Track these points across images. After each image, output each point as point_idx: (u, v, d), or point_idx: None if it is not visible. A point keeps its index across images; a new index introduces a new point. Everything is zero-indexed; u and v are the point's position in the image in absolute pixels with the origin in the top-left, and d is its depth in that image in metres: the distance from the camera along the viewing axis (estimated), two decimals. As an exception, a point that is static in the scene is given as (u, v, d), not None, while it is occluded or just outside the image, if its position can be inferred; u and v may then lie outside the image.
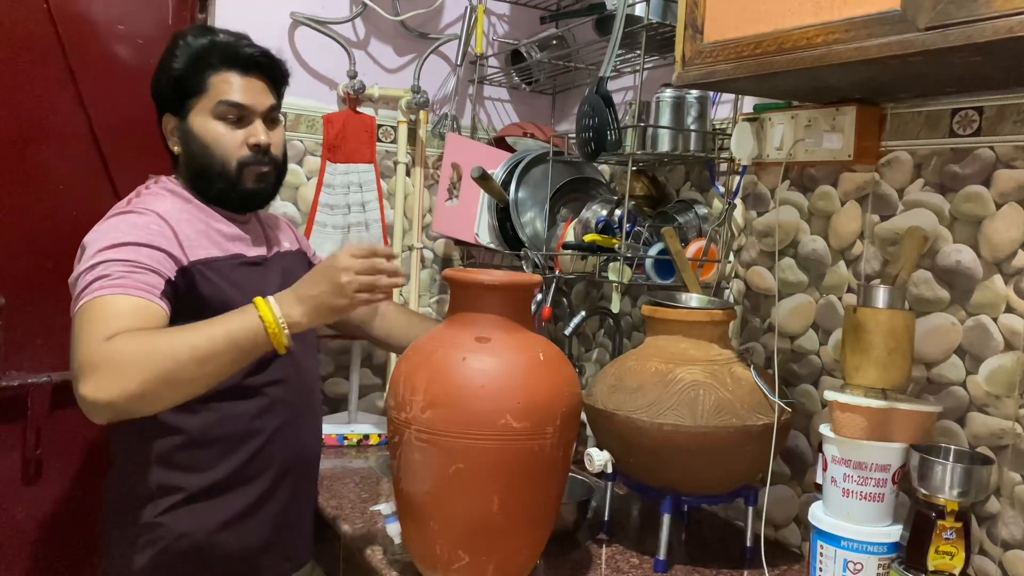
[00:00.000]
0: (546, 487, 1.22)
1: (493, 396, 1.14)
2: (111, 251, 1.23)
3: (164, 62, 1.39)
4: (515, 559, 1.23)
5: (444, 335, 1.22)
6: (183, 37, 1.39)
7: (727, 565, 1.39)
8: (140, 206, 1.31)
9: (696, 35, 1.22)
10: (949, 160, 1.26)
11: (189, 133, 1.37)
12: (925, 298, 1.28)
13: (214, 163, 1.37)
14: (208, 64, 1.36)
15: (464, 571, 1.19)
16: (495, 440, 1.14)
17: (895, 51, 0.94)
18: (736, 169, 1.60)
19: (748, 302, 1.61)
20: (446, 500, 1.17)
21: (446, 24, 2.17)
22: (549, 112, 2.29)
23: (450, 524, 1.18)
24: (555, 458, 1.20)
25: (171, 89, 1.37)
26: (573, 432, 1.24)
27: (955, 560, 1.09)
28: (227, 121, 1.37)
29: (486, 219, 1.98)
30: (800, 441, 1.49)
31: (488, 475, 1.15)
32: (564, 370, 1.23)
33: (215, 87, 1.36)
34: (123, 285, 1.20)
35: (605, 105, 1.52)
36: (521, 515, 1.20)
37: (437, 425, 1.14)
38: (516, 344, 1.20)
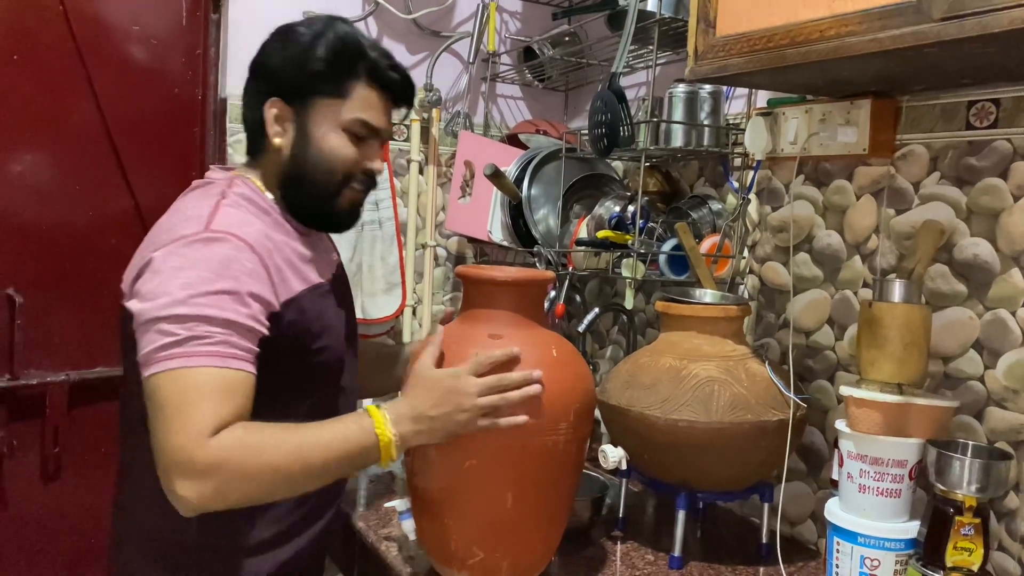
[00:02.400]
0: (560, 483, 1.21)
1: None
2: (203, 301, 1.02)
3: (298, 45, 1.19)
4: (530, 555, 1.23)
5: (458, 332, 1.22)
6: (331, 28, 1.21)
7: (743, 562, 1.38)
8: (227, 229, 1.09)
9: (709, 29, 1.21)
10: (966, 153, 1.24)
11: (307, 134, 1.20)
12: (942, 292, 1.27)
13: (320, 175, 1.20)
14: (355, 71, 1.19)
15: (479, 567, 1.19)
16: (509, 436, 1.13)
17: (910, 42, 0.93)
18: (750, 164, 1.59)
19: (763, 298, 1.60)
20: (460, 496, 1.17)
21: (458, 22, 2.17)
22: (562, 109, 2.28)
23: (464, 520, 1.18)
24: (569, 454, 1.19)
25: (301, 76, 1.18)
26: (587, 428, 1.23)
27: (973, 556, 1.08)
28: (351, 136, 1.21)
29: (499, 216, 1.97)
30: (816, 437, 1.48)
31: (502, 471, 1.15)
32: (578, 366, 1.23)
33: (357, 99, 1.19)
34: (221, 354, 1.02)
35: (618, 101, 1.51)
36: (535, 511, 1.20)
37: None
38: (529, 340, 1.19)
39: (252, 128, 1.24)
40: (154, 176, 1.93)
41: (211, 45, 1.97)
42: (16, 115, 1.77)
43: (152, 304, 1.03)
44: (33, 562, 1.86)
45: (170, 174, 1.95)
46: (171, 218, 1.15)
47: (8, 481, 1.83)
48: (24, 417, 1.82)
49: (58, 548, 1.89)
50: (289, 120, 1.20)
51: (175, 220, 1.13)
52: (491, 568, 1.19)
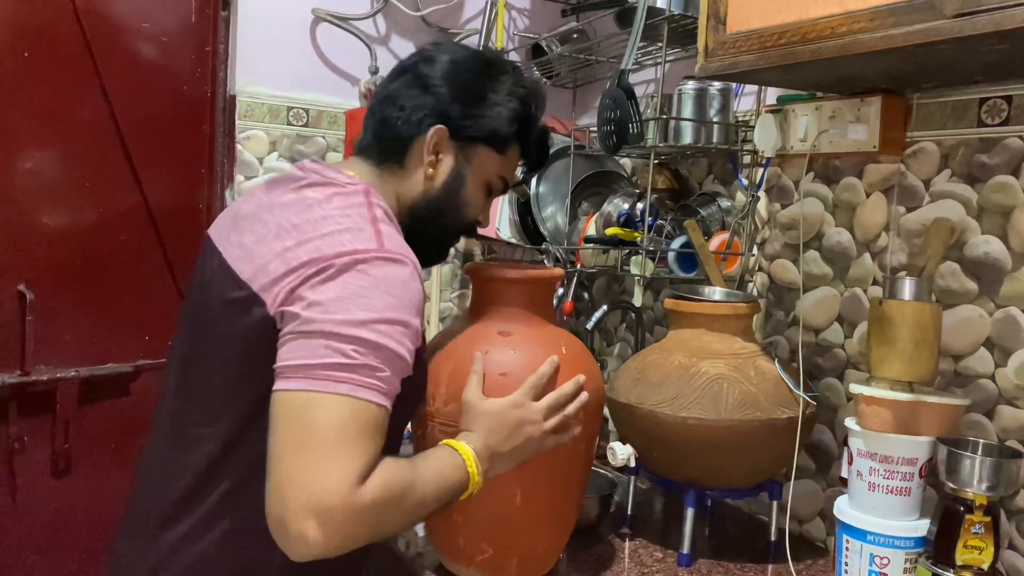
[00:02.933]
0: (569, 480, 1.21)
1: (514, 389, 1.14)
2: (383, 329, 0.93)
3: (492, 89, 1.13)
4: (538, 551, 1.23)
5: (468, 329, 1.22)
6: (521, 84, 1.16)
7: (751, 559, 1.38)
8: (402, 251, 0.99)
9: (719, 26, 1.21)
10: (977, 150, 1.24)
11: (462, 178, 1.13)
12: (952, 290, 1.26)
13: (449, 221, 1.15)
14: (523, 135, 1.16)
15: (487, 564, 1.19)
16: None
17: (922, 39, 0.92)
18: (759, 161, 1.59)
19: (772, 295, 1.59)
20: None
21: (467, 19, 2.17)
22: (570, 106, 2.28)
23: (473, 517, 1.18)
24: (578, 452, 1.20)
25: (482, 123, 1.12)
26: (596, 425, 1.23)
27: (984, 555, 1.08)
28: (489, 189, 1.17)
29: (507, 214, 1.97)
30: (825, 435, 1.48)
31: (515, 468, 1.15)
32: (587, 363, 1.23)
33: (509, 159, 1.17)
34: (385, 391, 0.93)
35: (627, 98, 1.51)
36: (544, 508, 1.20)
37: (459, 418, 1.14)
38: (538, 338, 1.20)
39: (394, 139, 1.12)
40: (163, 173, 1.94)
41: (220, 42, 1.98)
42: (26, 112, 1.78)
43: (329, 317, 0.91)
44: (43, 556, 1.87)
45: (179, 171, 1.97)
46: (321, 224, 0.99)
47: (19, 476, 1.84)
48: (35, 413, 1.83)
49: (68, 542, 1.90)
50: (448, 156, 1.12)
51: (330, 228, 0.98)
52: (500, 565, 1.20)
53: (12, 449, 1.82)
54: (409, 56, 1.17)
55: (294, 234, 0.99)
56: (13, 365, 1.79)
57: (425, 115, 1.10)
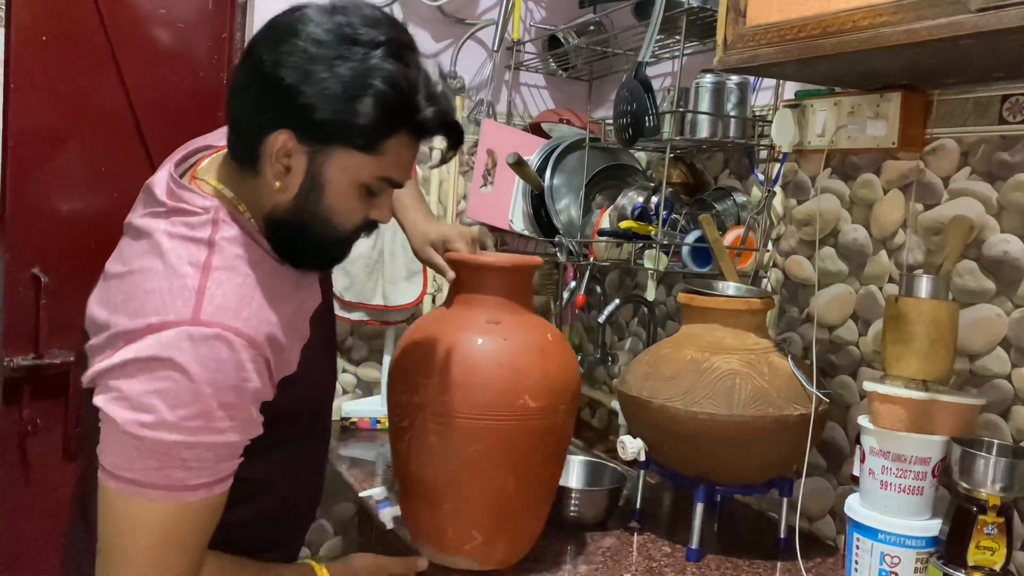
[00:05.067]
0: (556, 463, 1.26)
1: (511, 377, 1.16)
2: (195, 426, 0.88)
3: (338, 79, 0.91)
4: (524, 534, 1.27)
5: (453, 318, 1.22)
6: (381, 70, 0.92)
7: (760, 556, 1.38)
8: (223, 320, 0.90)
9: (739, 18, 1.20)
10: (998, 148, 1.22)
11: (318, 186, 0.96)
12: (970, 289, 1.25)
13: (328, 233, 1.00)
14: (396, 124, 0.96)
15: (476, 551, 1.20)
16: (514, 420, 1.15)
17: (946, 33, 0.91)
18: (776, 156, 1.58)
19: (786, 291, 1.59)
20: (462, 482, 1.18)
21: (483, 9, 2.16)
22: (585, 98, 2.27)
23: (465, 505, 1.19)
24: (565, 435, 1.25)
25: (333, 122, 0.92)
26: (576, 409, 1.28)
27: (996, 556, 1.07)
28: (368, 191, 1.00)
29: (521, 205, 1.97)
30: (837, 433, 1.47)
31: (506, 455, 1.16)
32: (568, 350, 1.28)
33: (387, 157, 0.97)
34: (207, 485, 0.91)
35: (644, 91, 1.50)
36: (534, 492, 1.23)
37: (455, 407, 1.15)
38: (525, 326, 1.22)
39: (242, 143, 0.98)
40: (178, 159, 1.94)
41: (236, 29, 1.98)
42: (44, 97, 1.79)
43: (132, 417, 0.86)
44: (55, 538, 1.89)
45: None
46: (147, 274, 0.93)
47: (32, 459, 1.85)
48: (48, 396, 1.85)
49: (79, 526, 1.91)
50: (299, 162, 0.95)
51: (153, 282, 0.92)
52: (488, 550, 1.21)
53: (26, 431, 1.83)
54: (259, 30, 0.98)
55: (115, 285, 0.97)
56: (27, 348, 1.81)
57: (267, 116, 0.93)
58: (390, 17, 0.99)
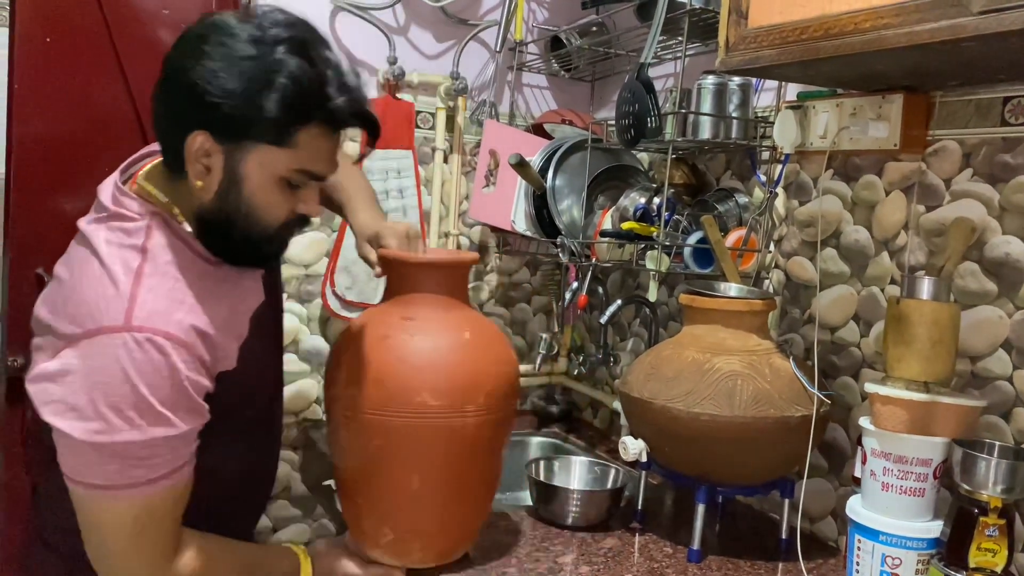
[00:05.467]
0: (472, 467, 1.21)
1: (410, 373, 1.15)
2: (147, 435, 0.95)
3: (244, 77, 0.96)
4: (443, 538, 1.24)
5: (374, 314, 1.24)
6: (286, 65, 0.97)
7: (762, 557, 1.38)
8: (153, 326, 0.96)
9: (740, 20, 1.20)
10: (1000, 149, 1.23)
11: (236, 182, 1.01)
12: (971, 290, 1.25)
13: (253, 229, 1.04)
14: (305, 116, 0.99)
15: (391, 547, 1.20)
16: (413, 417, 1.14)
17: (947, 36, 0.91)
18: (778, 157, 1.58)
19: (788, 292, 1.59)
20: (369, 477, 1.19)
21: (486, 10, 2.16)
22: (588, 99, 2.27)
23: (374, 500, 1.19)
24: (480, 437, 1.19)
25: (242, 118, 0.97)
26: (505, 413, 1.23)
27: (997, 558, 1.07)
28: (288, 185, 1.03)
29: (523, 206, 1.97)
30: (838, 434, 1.47)
31: (407, 452, 1.16)
32: (495, 349, 1.23)
33: (302, 149, 1.00)
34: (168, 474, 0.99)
35: (646, 92, 1.51)
36: (445, 494, 1.20)
37: (359, 402, 1.16)
38: (441, 323, 1.20)
39: (166, 147, 1.04)
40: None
41: (240, 30, 1.98)
42: (48, 98, 1.79)
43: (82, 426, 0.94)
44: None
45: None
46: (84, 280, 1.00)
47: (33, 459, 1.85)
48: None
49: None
50: (216, 160, 1.00)
51: (90, 288, 0.98)
52: (402, 548, 1.21)
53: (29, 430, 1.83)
54: (177, 39, 1.03)
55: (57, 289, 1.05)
56: (30, 348, 1.81)
57: (184, 120, 0.99)
58: (298, 18, 1.04)
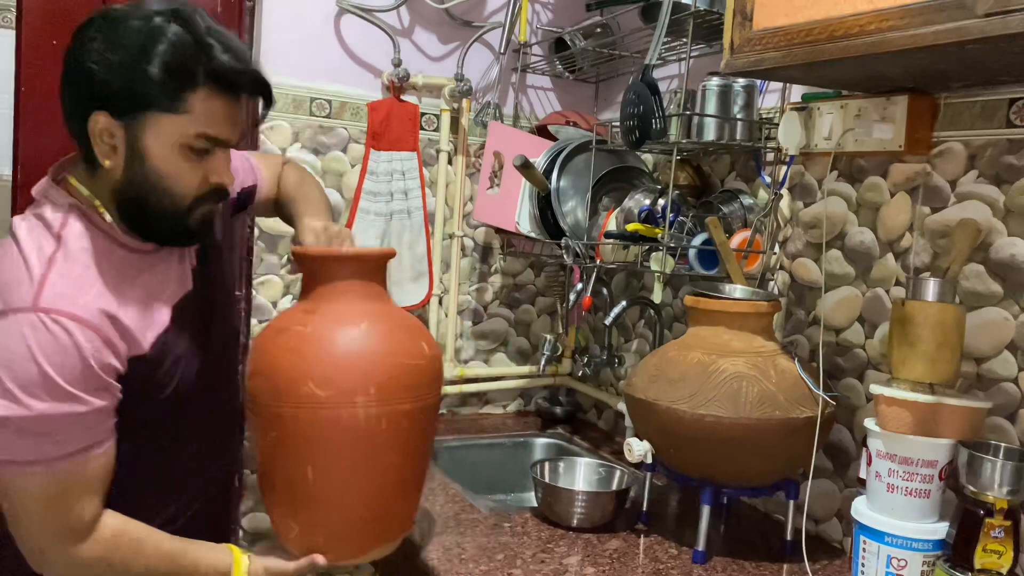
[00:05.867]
0: (372, 461, 1.16)
1: (298, 364, 1.13)
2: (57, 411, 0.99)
3: (127, 51, 1.01)
4: (350, 535, 1.19)
5: (286, 311, 1.25)
6: (164, 32, 1.02)
7: (766, 558, 1.38)
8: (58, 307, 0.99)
9: (745, 22, 1.20)
10: (1005, 151, 1.23)
11: (139, 155, 1.04)
12: (977, 292, 1.25)
13: (164, 201, 1.07)
14: (191, 78, 1.02)
15: (298, 542, 1.19)
16: (301, 408, 1.12)
17: (952, 38, 0.91)
18: (783, 159, 1.58)
19: (793, 294, 1.59)
20: (271, 470, 1.18)
21: (490, 12, 2.17)
22: (592, 101, 2.28)
23: (278, 494, 1.18)
24: (377, 430, 1.14)
25: (132, 90, 1.02)
26: (404, 406, 1.17)
27: (1003, 559, 1.07)
28: (193, 152, 1.06)
29: (527, 207, 1.98)
30: (843, 435, 1.47)
31: (299, 444, 1.14)
32: (395, 340, 1.19)
33: (196, 113, 1.04)
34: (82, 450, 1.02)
35: (651, 93, 1.51)
36: (342, 488, 1.16)
37: (256, 395, 1.16)
38: (340, 315, 1.17)
39: (78, 135, 1.07)
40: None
41: (245, 33, 1.99)
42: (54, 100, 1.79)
43: None
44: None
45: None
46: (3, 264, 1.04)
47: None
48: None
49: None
50: (119, 138, 1.04)
51: (4, 272, 1.03)
52: (308, 543, 1.18)
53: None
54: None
55: None
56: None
57: (80, 103, 1.04)
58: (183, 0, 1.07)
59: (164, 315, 1.12)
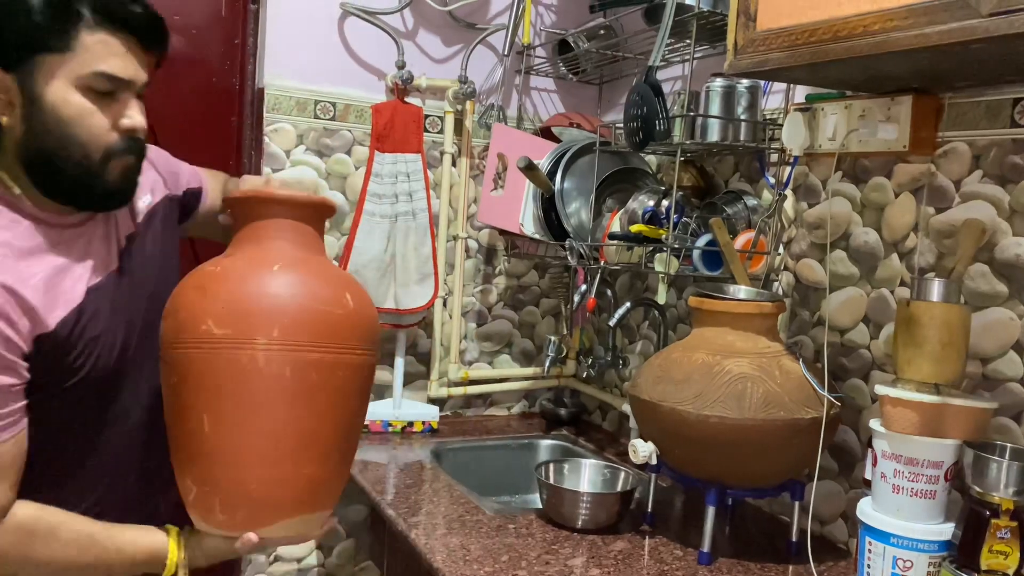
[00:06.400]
0: (268, 411, 1.05)
1: (199, 302, 1.06)
2: None
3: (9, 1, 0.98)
4: (246, 501, 1.07)
5: None
6: None
7: (772, 559, 1.38)
8: None
9: (749, 23, 1.20)
10: (1010, 151, 1.22)
11: (37, 104, 1.00)
12: (982, 292, 1.25)
13: (73, 150, 1.02)
14: (77, 14, 0.99)
15: (196, 505, 1.08)
16: (197, 348, 1.04)
17: (956, 38, 0.91)
18: (787, 160, 1.58)
19: (797, 295, 1.59)
20: (172, 422, 1.09)
21: (494, 14, 2.17)
22: (595, 102, 2.28)
23: (176, 449, 1.09)
24: (276, 377, 1.04)
25: (14, 34, 0.98)
26: (309, 352, 1.05)
27: (1009, 560, 1.07)
28: (95, 96, 1.02)
29: (531, 209, 1.98)
30: (849, 436, 1.47)
31: (195, 389, 1.05)
32: (310, 284, 1.09)
33: (88, 50, 1.00)
34: None
35: (654, 94, 1.51)
36: (237, 441, 1.04)
37: (164, 336, 1.09)
38: (256, 256, 1.10)
39: None
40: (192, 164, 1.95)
41: (249, 35, 2.00)
42: None
43: None
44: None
45: (207, 162, 1.96)
46: None
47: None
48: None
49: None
50: (13, 91, 1.00)
51: None
52: (205, 506, 1.07)
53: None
54: None
55: None
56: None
57: None
58: None
59: (76, 293, 1.06)
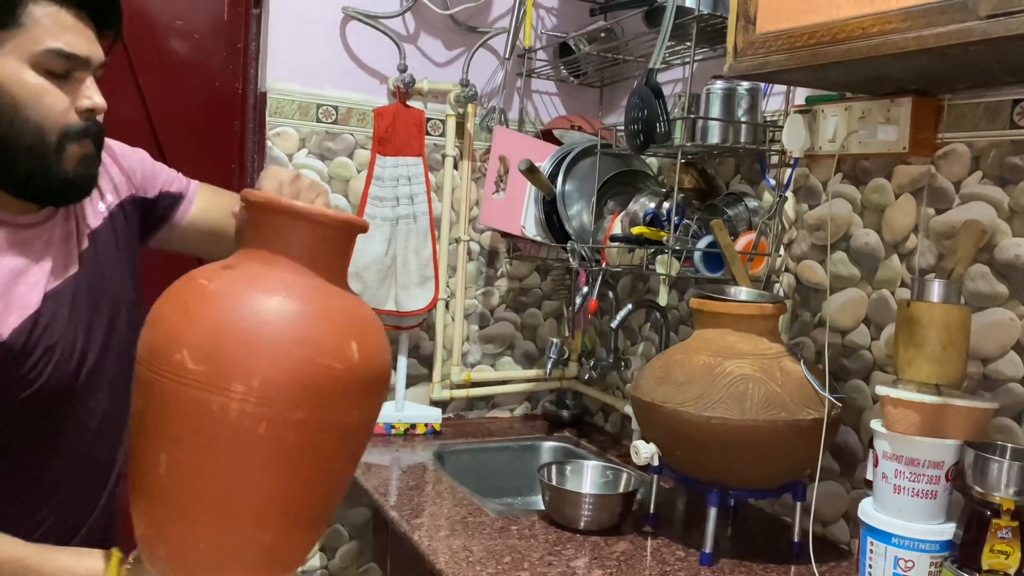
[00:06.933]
0: (233, 470, 0.89)
1: (178, 322, 0.89)
2: None
3: None
4: (193, 557, 0.92)
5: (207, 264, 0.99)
6: None
7: (774, 560, 1.38)
8: None
9: (748, 26, 1.21)
10: (1009, 152, 1.23)
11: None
12: (982, 293, 1.26)
13: (26, 132, 0.95)
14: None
15: (143, 542, 0.94)
16: (166, 378, 0.88)
17: (955, 40, 0.92)
18: (787, 161, 1.58)
19: (798, 296, 1.59)
20: (131, 439, 0.95)
21: (495, 17, 2.18)
22: (596, 105, 2.28)
23: (132, 474, 0.95)
24: (248, 431, 0.87)
25: None
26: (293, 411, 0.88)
27: (1010, 560, 1.07)
28: (51, 76, 0.96)
29: (533, 212, 1.98)
30: (850, 437, 1.47)
31: (157, 422, 0.90)
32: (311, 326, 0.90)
33: (39, 24, 0.94)
34: None
35: (655, 97, 1.51)
36: (195, 493, 0.89)
37: (140, 342, 0.93)
38: (258, 278, 0.92)
39: None
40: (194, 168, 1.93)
41: (252, 39, 2.01)
42: None
43: None
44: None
45: (210, 166, 1.99)
46: None
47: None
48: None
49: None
50: None
51: None
52: (149, 550, 0.94)
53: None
54: None
55: None
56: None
57: None
58: None
59: (32, 299, 0.99)
